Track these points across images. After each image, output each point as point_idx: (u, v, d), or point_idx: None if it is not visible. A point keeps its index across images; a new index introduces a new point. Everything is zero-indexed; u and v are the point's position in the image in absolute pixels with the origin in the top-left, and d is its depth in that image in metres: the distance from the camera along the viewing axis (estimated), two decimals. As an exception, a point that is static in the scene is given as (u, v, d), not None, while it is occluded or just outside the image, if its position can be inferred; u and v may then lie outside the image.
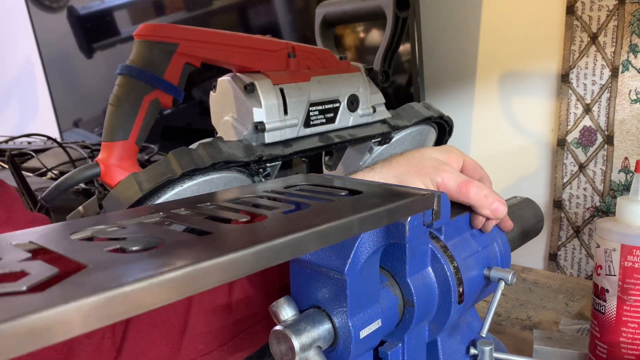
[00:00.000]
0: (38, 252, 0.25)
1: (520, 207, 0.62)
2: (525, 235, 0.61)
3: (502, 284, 0.46)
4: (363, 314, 0.37)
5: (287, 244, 0.26)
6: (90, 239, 0.27)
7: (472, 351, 0.47)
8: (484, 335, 0.46)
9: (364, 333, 0.37)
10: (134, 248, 0.25)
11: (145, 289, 0.20)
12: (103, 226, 0.28)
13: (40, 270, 0.21)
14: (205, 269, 0.22)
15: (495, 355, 0.45)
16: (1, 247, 0.25)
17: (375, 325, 0.38)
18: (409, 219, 0.37)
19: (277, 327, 0.35)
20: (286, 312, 0.36)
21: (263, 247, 0.25)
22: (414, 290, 0.41)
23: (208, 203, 0.34)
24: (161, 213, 0.32)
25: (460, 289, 0.43)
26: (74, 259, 0.23)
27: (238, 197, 0.36)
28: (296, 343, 0.34)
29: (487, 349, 0.45)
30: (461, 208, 0.47)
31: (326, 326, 0.36)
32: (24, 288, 0.20)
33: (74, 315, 0.18)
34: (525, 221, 0.61)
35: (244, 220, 0.30)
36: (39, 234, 0.27)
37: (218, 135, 0.62)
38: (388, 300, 0.40)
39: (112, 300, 0.19)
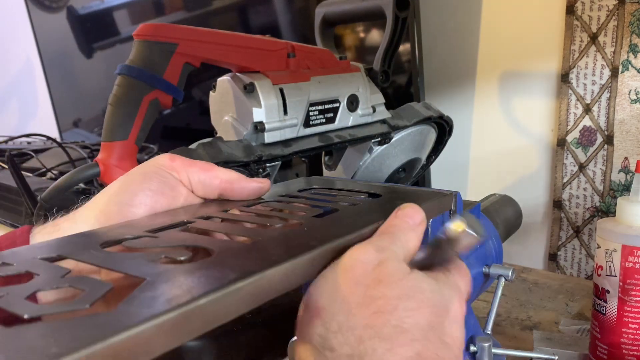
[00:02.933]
0: (71, 265, 0.23)
1: (502, 205, 0.62)
2: (508, 232, 0.61)
3: (502, 281, 0.46)
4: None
5: (335, 247, 0.26)
6: (122, 249, 0.25)
7: (472, 348, 0.47)
8: (489, 332, 0.46)
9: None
10: (182, 258, 0.23)
11: (219, 300, 0.19)
12: (130, 236, 0.26)
13: (93, 286, 0.20)
14: (270, 275, 0.21)
15: (494, 350, 0.45)
16: (28, 261, 0.23)
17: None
18: (430, 221, 0.37)
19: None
20: None
21: (320, 251, 0.24)
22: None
23: (228, 209, 0.33)
24: (184, 219, 0.30)
25: (461, 289, 0.43)
26: (126, 272, 0.21)
27: (254, 203, 0.35)
28: None
29: (486, 345, 0.45)
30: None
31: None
32: (87, 306, 0.18)
33: (156, 333, 0.17)
34: (508, 219, 0.61)
35: (278, 225, 0.29)
36: (65, 246, 0.25)
37: (218, 135, 0.62)
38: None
39: (190, 315, 0.18)
